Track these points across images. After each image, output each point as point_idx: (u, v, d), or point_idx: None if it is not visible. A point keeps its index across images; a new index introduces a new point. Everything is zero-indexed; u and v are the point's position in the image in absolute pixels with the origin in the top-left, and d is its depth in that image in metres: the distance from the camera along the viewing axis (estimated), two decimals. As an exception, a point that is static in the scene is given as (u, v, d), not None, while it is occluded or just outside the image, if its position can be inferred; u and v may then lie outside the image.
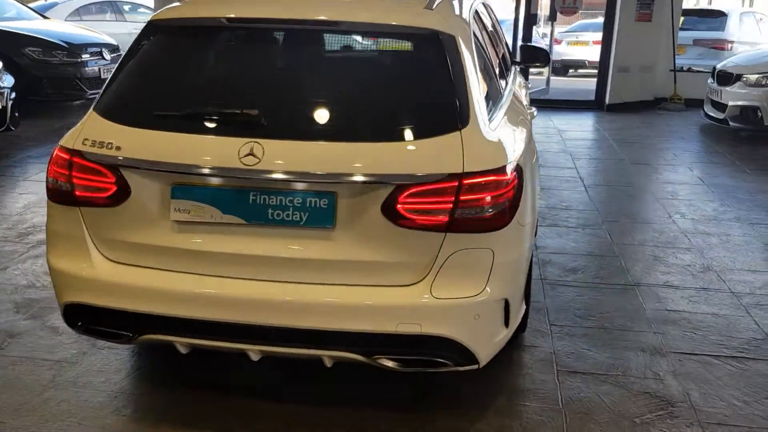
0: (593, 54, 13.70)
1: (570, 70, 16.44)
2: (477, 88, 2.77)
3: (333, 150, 2.57)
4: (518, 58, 5.99)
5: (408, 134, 2.59)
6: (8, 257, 4.68)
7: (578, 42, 16.06)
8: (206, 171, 2.59)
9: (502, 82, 3.81)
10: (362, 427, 2.92)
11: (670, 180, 7.09)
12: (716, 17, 12.25)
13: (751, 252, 5.02)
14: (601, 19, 12.59)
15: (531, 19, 11.08)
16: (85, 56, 9.63)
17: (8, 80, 7.50)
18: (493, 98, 3.12)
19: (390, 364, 2.63)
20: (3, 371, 3.31)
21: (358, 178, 2.52)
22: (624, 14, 10.65)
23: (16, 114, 7.51)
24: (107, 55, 9.93)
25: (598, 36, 11.76)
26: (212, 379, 3.28)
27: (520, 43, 10.75)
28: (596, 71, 11.47)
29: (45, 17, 11.18)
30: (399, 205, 2.52)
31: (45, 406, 3.02)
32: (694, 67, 11.57)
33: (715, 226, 5.54)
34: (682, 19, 11.33)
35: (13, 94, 7.42)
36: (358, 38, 2.98)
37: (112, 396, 3.12)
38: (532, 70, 9.98)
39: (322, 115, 2.71)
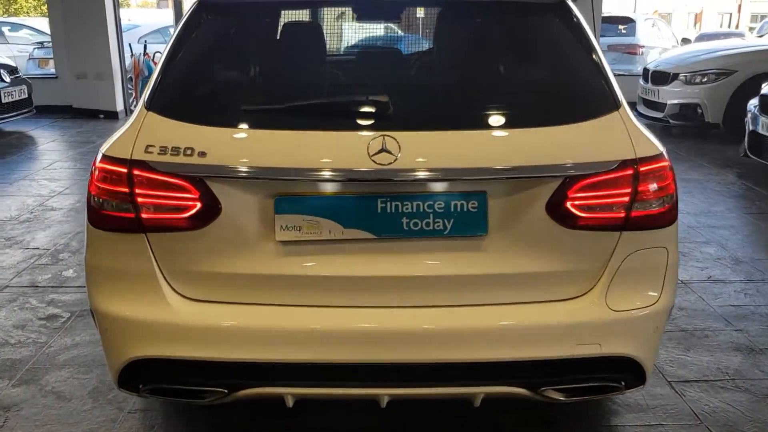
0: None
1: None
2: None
3: (482, 139, 2.12)
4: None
5: (565, 116, 2.18)
6: (-40, 311, 3.82)
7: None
8: (326, 175, 2.06)
9: None
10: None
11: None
12: (625, 23, 12.72)
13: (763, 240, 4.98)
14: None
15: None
16: (-19, 79, 8.48)
17: None
18: None
19: (558, 396, 2.19)
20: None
21: (521, 171, 2.08)
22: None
23: None
24: (6, 77, 8.81)
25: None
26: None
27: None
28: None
29: None
30: (568, 202, 2.10)
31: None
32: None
33: (716, 219, 5.49)
34: (595, 25, 11.62)
35: None
36: (485, 8, 2.53)
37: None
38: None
39: (463, 99, 2.24)
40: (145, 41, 11.40)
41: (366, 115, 2.15)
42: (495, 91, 2.27)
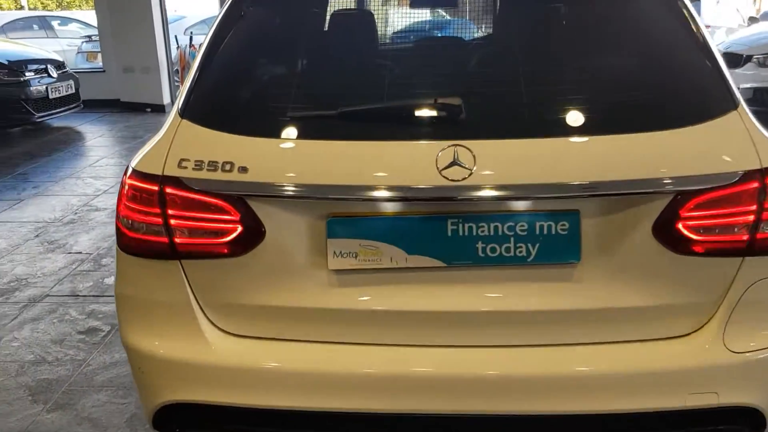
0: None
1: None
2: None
3: (574, 148, 1.76)
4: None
5: (674, 119, 1.80)
6: (-2, 324, 3.65)
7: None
8: (387, 194, 1.74)
9: None
10: None
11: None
12: (692, 1, 12.00)
13: None
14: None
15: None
16: (29, 74, 8.41)
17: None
18: None
19: (666, 453, 1.84)
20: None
21: (622, 186, 1.72)
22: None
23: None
24: (53, 72, 8.73)
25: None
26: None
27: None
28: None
29: (-29, 35, 9.86)
30: (680, 223, 1.74)
31: None
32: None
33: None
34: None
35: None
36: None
37: None
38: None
39: (549, 99, 1.88)
40: (191, 32, 11.27)
41: (434, 122, 1.82)
42: (588, 89, 1.90)
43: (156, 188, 1.84)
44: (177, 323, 1.90)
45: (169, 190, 1.83)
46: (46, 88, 8.50)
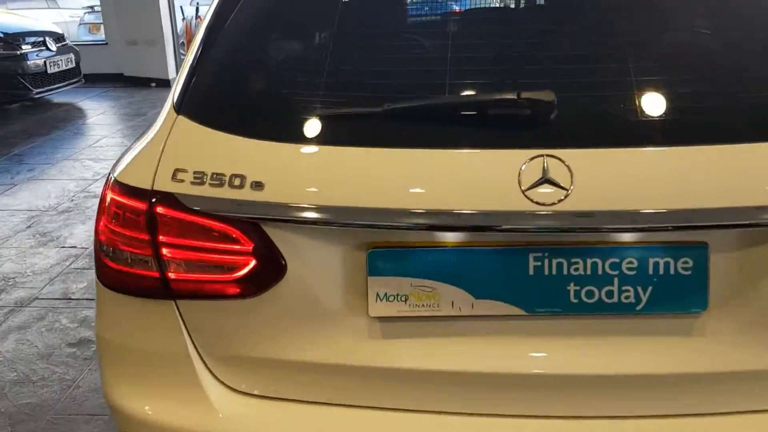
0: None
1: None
2: None
3: (703, 160, 1.30)
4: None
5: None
6: (-22, 333, 3.24)
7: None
8: (447, 221, 1.29)
9: None
10: None
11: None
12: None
13: None
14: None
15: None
16: (26, 47, 7.93)
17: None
18: None
19: None
20: None
21: (773, 213, 1.27)
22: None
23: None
24: (52, 46, 8.25)
25: None
26: None
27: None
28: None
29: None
30: None
31: None
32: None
33: None
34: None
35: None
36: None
37: None
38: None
39: (671, 94, 1.40)
40: (197, 3, 10.73)
41: (515, 122, 1.36)
42: (724, 80, 1.42)
43: (144, 207, 1.40)
44: (173, 380, 1.48)
45: (160, 210, 1.39)
46: (45, 62, 8.02)
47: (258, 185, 1.34)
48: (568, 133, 1.33)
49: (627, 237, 1.33)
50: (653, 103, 1.37)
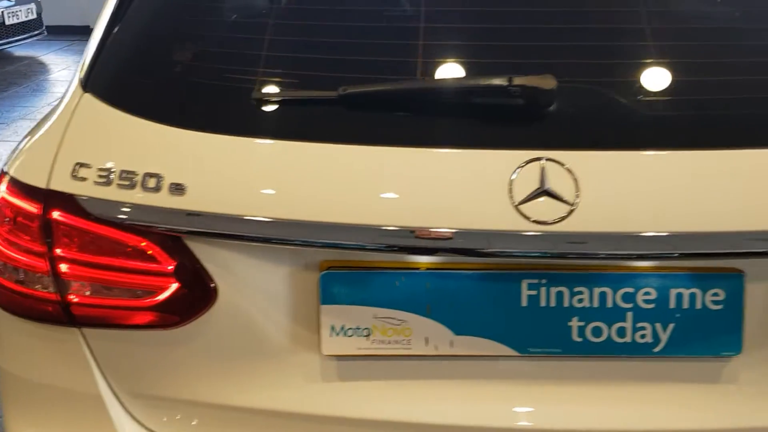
0: None
1: None
2: None
3: (740, 171, 1.03)
4: None
5: None
6: None
7: None
8: (419, 242, 1.02)
9: None
10: None
11: None
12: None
13: None
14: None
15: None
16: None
17: None
18: None
19: None
20: None
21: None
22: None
23: None
24: (9, -7, 7.75)
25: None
26: None
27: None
28: None
29: None
30: None
31: None
32: None
33: None
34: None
35: None
36: None
37: None
38: None
39: (700, 86, 1.09)
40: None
41: (504, 116, 1.07)
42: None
43: (37, 211, 1.11)
44: (83, 422, 1.20)
45: (56, 215, 1.10)
46: (2, 13, 7.52)
47: (178, 188, 1.05)
48: (573, 131, 1.06)
49: (643, 263, 1.07)
50: (685, 94, 1.08)
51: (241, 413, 1.16)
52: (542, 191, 1.00)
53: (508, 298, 1.07)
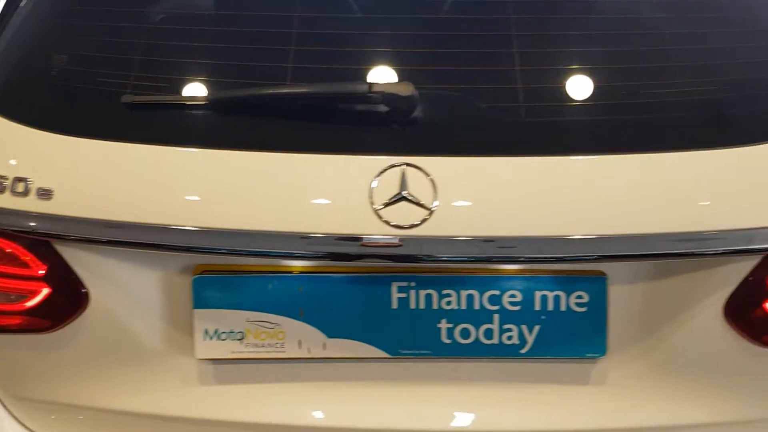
0: None
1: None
2: None
3: (602, 175, 1.06)
4: None
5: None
6: None
7: None
8: (290, 246, 1.03)
9: None
10: None
11: None
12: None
13: None
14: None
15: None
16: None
17: None
18: None
19: None
20: None
21: (687, 242, 1.03)
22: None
23: None
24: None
25: None
26: None
27: None
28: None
29: None
30: (768, 302, 1.07)
31: None
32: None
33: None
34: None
35: None
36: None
37: None
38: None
39: (565, 90, 1.11)
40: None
41: (363, 121, 1.09)
42: (636, 74, 1.15)
43: None
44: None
45: None
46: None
47: (46, 193, 1.05)
48: (433, 137, 1.08)
49: (509, 266, 1.09)
50: (545, 102, 1.11)
51: (119, 416, 1.16)
52: (401, 197, 1.01)
53: (379, 301, 1.09)
